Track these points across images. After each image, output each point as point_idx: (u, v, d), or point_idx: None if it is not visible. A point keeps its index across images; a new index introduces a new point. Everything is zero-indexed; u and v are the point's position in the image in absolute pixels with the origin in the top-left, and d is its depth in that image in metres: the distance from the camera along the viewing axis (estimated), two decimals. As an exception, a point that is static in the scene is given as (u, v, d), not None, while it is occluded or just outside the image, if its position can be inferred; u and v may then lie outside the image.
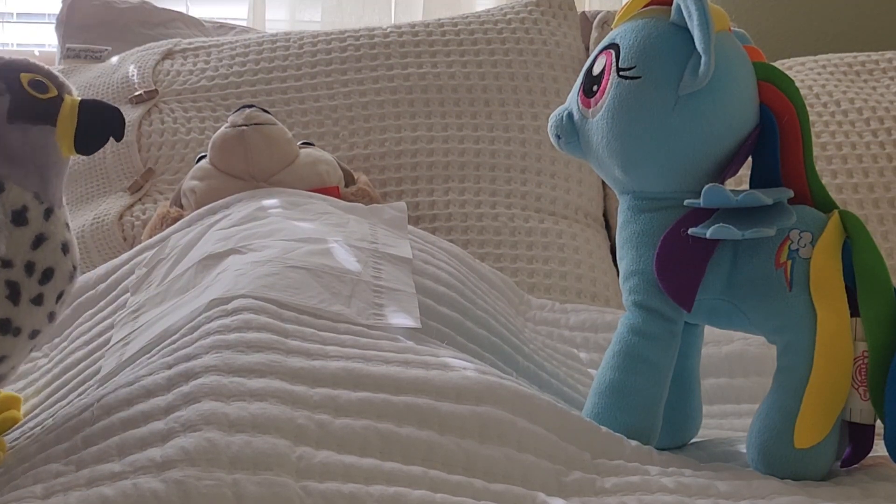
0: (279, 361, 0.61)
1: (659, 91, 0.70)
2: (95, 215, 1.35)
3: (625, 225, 0.75)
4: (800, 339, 0.68)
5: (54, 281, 0.68)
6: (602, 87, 0.72)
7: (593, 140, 0.74)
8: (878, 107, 1.43)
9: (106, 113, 0.69)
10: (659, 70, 0.70)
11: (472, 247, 1.28)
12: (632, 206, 0.75)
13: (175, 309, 0.75)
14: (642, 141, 0.71)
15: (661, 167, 0.72)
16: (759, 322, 0.71)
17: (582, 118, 0.74)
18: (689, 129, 0.70)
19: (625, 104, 0.71)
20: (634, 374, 0.72)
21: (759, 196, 0.69)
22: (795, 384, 0.67)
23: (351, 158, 1.37)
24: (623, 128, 0.71)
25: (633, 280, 0.74)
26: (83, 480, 0.52)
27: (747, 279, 0.70)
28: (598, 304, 1.24)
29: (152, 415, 0.57)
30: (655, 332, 0.73)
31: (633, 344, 0.73)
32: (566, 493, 0.59)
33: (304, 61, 1.48)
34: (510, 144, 1.40)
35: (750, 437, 0.69)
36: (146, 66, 1.49)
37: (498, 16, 1.54)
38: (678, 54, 0.70)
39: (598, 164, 0.76)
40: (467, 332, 0.81)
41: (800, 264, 0.69)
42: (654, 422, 0.72)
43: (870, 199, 1.34)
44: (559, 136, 0.76)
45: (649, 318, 0.73)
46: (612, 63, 0.72)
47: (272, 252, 0.79)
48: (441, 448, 0.58)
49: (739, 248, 0.70)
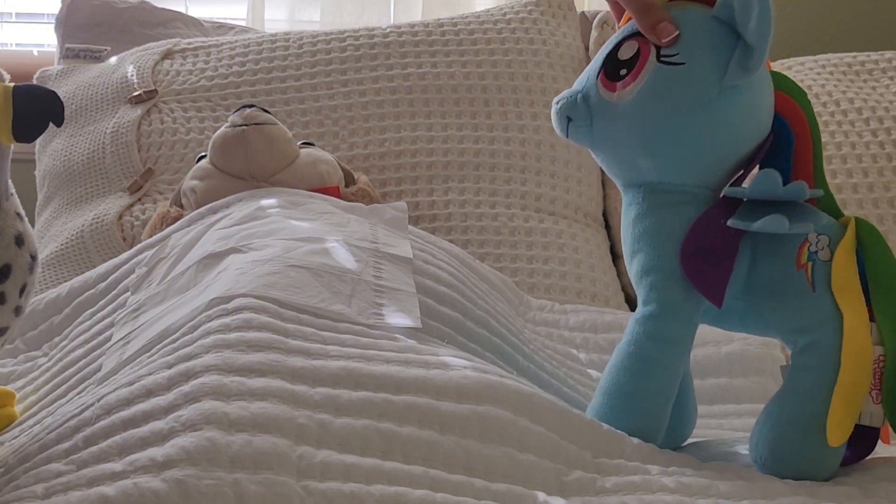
0: (280, 361, 0.61)
1: (703, 79, 0.70)
2: (95, 215, 1.35)
3: (639, 219, 0.73)
4: (824, 340, 0.67)
5: (13, 276, 0.66)
6: (636, 71, 0.71)
7: (617, 124, 0.72)
8: (877, 107, 1.43)
9: (43, 98, 0.66)
10: (704, 59, 0.70)
11: (471, 247, 1.28)
12: (648, 200, 0.73)
13: (175, 308, 0.75)
14: (681, 127, 0.70)
15: (691, 157, 0.71)
16: (776, 323, 0.70)
17: (602, 102, 0.73)
18: (725, 122, 0.70)
19: (667, 89, 0.70)
20: (648, 379, 0.71)
21: (804, 188, 0.69)
22: (817, 384, 0.67)
23: (351, 158, 1.37)
24: (663, 112, 0.70)
25: (652, 277, 0.72)
26: (84, 480, 0.52)
27: (767, 279, 0.70)
28: (598, 303, 1.24)
29: (153, 414, 0.56)
30: (673, 335, 0.71)
31: (649, 348, 0.71)
32: (567, 493, 0.59)
33: (303, 61, 1.48)
34: (510, 144, 1.40)
35: (758, 437, 0.68)
36: (145, 66, 1.49)
37: (498, 16, 1.54)
38: (722, 46, 0.70)
39: (611, 151, 0.74)
40: (468, 331, 0.81)
41: (820, 266, 0.69)
42: (662, 424, 0.71)
43: (869, 198, 1.34)
44: (570, 119, 0.74)
45: (668, 319, 0.71)
46: (650, 49, 0.71)
47: (273, 251, 0.79)
48: (442, 447, 0.58)
49: (759, 249, 0.70)
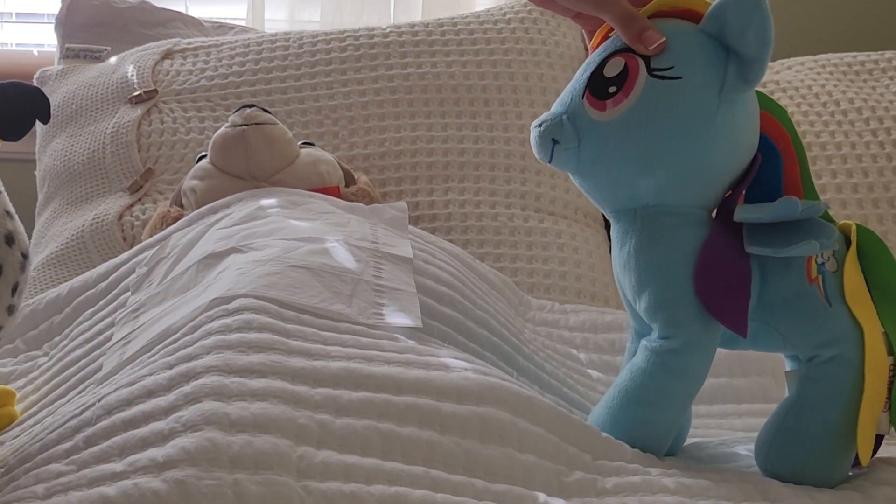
0: (280, 361, 0.61)
1: (703, 93, 0.67)
2: (95, 215, 1.35)
3: (641, 250, 0.69)
4: (846, 352, 0.67)
5: (4, 275, 0.66)
6: (626, 88, 0.68)
7: (610, 144, 0.69)
8: (877, 107, 1.43)
9: (27, 95, 0.65)
10: (700, 72, 0.68)
11: (471, 247, 1.28)
12: (647, 226, 0.69)
13: (176, 308, 0.75)
14: (682, 142, 0.67)
15: (691, 173, 0.69)
16: (796, 339, 0.69)
17: (591, 122, 0.70)
18: (725, 136, 0.68)
19: (664, 105, 0.67)
20: (663, 410, 0.69)
21: (820, 206, 0.68)
22: (839, 395, 0.66)
23: (351, 158, 1.37)
24: (662, 128, 0.67)
25: (668, 312, 0.68)
26: (84, 480, 0.52)
27: (781, 297, 0.68)
28: (598, 303, 1.24)
29: (153, 415, 0.56)
30: (696, 371, 0.69)
31: (669, 383, 0.68)
32: (567, 494, 0.59)
33: (303, 61, 1.48)
34: (510, 144, 1.40)
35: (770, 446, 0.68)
36: (145, 66, 1.49)
37: (498, 16, 1.54)
38: (715, 59, 0.68)
39: (603, 174, 0.71)
40: (468, 331, 0.81)
41: (829, 278, 0.68)
42: (668, 443, 0.70)
43: (869, 198, 1.34)
44: (556, 142, 0.71)
45: (691, 355, 0.68)
46: (638, 64, 0.69)
47: (273, 251, 0.79)
48: (442, 448, 0.58)
49: (767, 267, 0.69)
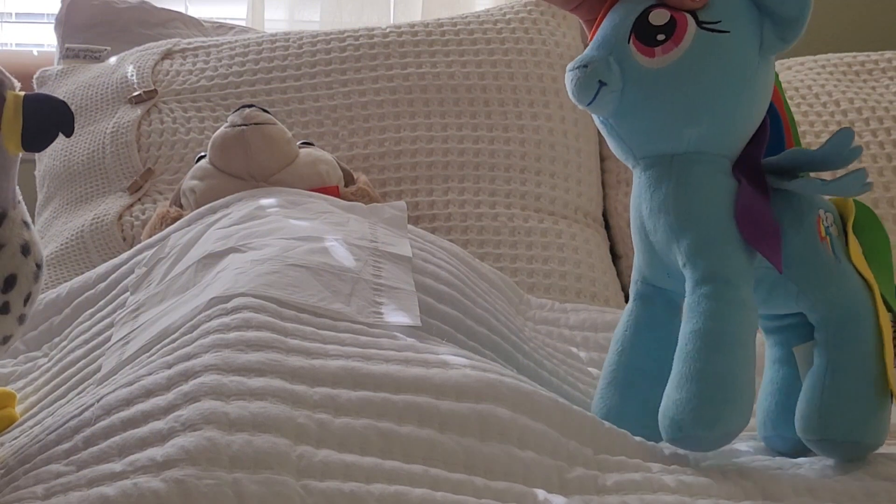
0: (279, 360, 0.61)
1: (746, 48, 0.71)
2: (95, 215, 1.35)
3: (683, 194, 0.71)
4: (857, 308, 0.70)
5: (18, 286, 0.66)
6: (676, 38, 0.71)
7: (658, 91, 0.71)
8: (877, 107, 1.43)
9: (53, 107, 0.65)
10: (744, 28, 0.71)
11: (471, 246, 1.28)
12: (687, 172, 0.71)
13: (175, 308, 0.75)
14: (729, 94, 0.71)
15: (732, 125, 0.72)
16: (811, 291, 0.71)
17: (637, 67, 0.71)
18: (761, 92, 0.72)
19: (714, 57, 0.70)
20: (746, 349, 0.68)
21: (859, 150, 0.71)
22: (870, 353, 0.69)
23: (351, 158, 1.37)
24: (713, 79, 0.70)
25: (714, 250, 0.69)
26: (84, 481, 0.52)
27: (797, 252, 0.71)
28: (598, 303, 1.24)
29: (152, 414, 0.56)
30: (751, 300, 0.69)
31: (739, 316, 0.68)
32: (568, 491, 0.59)
33: (303, 61, 1.48)
34: (510, 144, 1.40)
35: (816, 411, 0.68)
36: (145, 66, 1.49)
37: (498, 16, 1.54)
38: (754, 17, 0.71)
39: (646, 120, 0.72)
40: (467, 330, 0.81)
41: (834, 240, 0.71)
42: (753, 401, 0.69)
43: (869, 198, 1.34)
44: (602, 83, 0.71)
45: (742, 285, 0.69)
46: (685, 16, 0.71)
47: (272, 250, 0.79)
48: (442, 446, 0.58)
49: (783, 224, 0.71)
